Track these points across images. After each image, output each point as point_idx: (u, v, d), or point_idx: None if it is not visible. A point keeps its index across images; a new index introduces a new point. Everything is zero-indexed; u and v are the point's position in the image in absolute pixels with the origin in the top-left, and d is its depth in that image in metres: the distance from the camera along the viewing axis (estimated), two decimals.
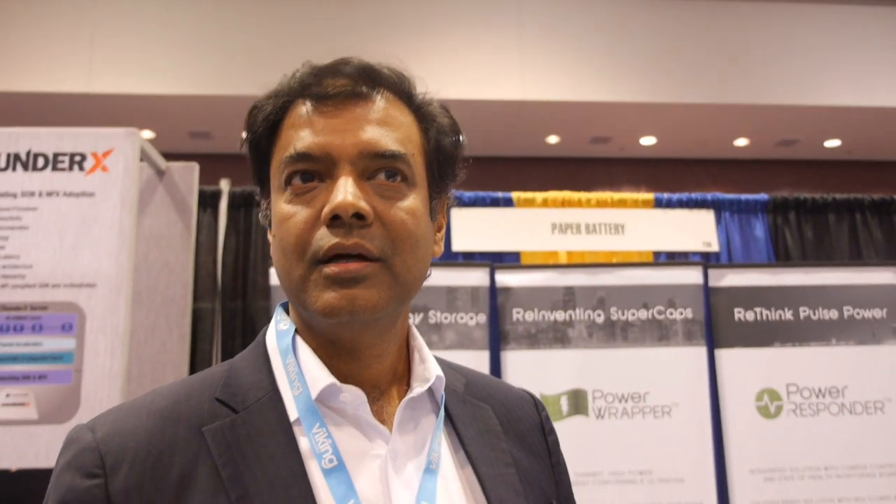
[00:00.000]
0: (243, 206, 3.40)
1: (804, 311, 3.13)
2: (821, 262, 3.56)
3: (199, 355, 3.10)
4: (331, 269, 0.73)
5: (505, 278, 3.08)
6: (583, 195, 3.61)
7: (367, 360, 0.81)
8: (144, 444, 0.73)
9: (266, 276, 3.03)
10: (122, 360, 2.43)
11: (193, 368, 3.07)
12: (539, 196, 3.58)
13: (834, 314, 3.14)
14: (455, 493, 0.80)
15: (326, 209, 0.73)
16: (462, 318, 2.98)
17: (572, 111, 6.40)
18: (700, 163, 7.72)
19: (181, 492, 0.70)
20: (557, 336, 3.03)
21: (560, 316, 3.05)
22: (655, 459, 2.93)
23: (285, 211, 0.76)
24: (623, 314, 3.07)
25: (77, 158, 2.58)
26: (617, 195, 3.66)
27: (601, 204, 3.61)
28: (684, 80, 6.22)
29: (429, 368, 0.84)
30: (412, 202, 0.78)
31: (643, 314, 3.07)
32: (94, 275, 2.49)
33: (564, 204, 3.59)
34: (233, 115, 6.27)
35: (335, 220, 0.73)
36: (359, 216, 0.73)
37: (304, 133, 0.77)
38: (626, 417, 2.97)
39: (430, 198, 0.83)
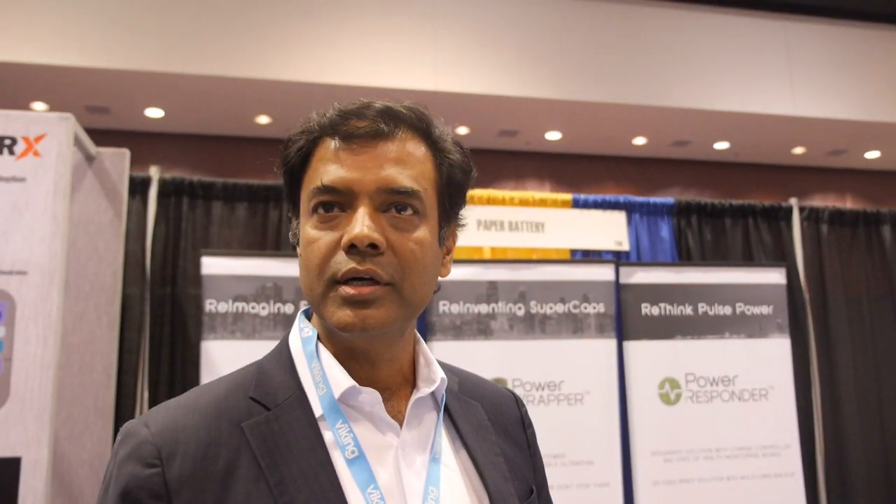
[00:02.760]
0: (173, 194, 3.35)
1: (702, 307, 3.42)
2: (717, 262, 3.89)
3: (126, 344, 3.06)
4: (346, 290, 0.84)
5: None
6: (506, 194, 3.78)
7: (379, 364, 0.92)
8: (193, 437, 0.83)
9: (197, 265, 3.02)
10: (54, 350, 2.41)
11: (121, 357, 3.04)
12: None
13: (728, 310, 3.45)
14: (455, 479, 0.92)
15: (345, 238, 0.84)
16: None
17: (483, 104, 6.54)
18: (601, 159, 8.06)
19: (227, 479, 0.81)
20: (481, 328, 3.20)
21: (484, 309, 3.21)
22: (568, 443, 3.16)
23: (311, 235, 0.87)
24: (542, 308, 3.26)
25: (7, 142, 2.51)
26: (538, 195, 3.85)
27: (523, 203, 3.79)
28: (589, 80, 6.49)
29: (434, 371, 0.96)
30: (421, 233, 0.88)
31: (560, 308, 3.28)
32: (26, 262, 2.44)
33: (489, 202, 3.75)
34: (133, 90, 6.12)
35: (352, 248, 0.83)
36: (373, 246, 0.83)
37: (331, 168, 0.86)
38: (543, 405, 3.18)
39: (439, 226, 0.93)
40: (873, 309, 4.13)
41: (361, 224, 0.83)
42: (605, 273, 3.35)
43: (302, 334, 0.95)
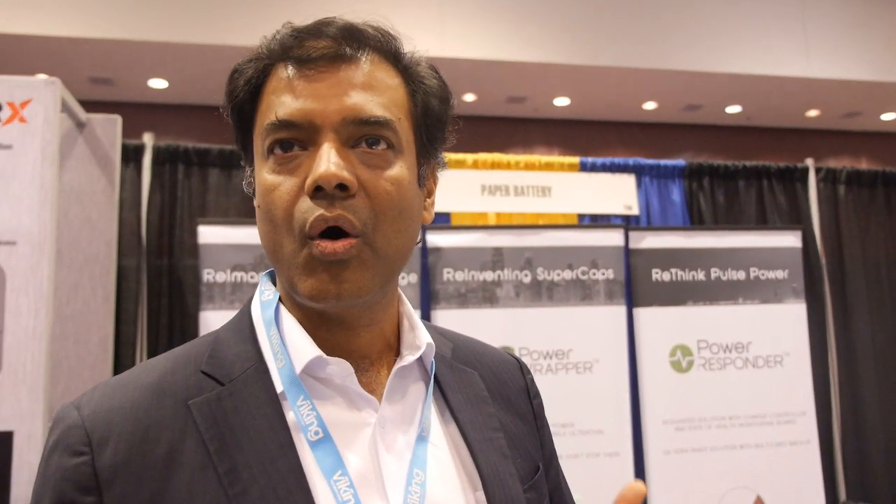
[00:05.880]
0: (168, 162, 3.27)
1: (715, 272, 3.32)
2: (731, 225, 3.78)
3: (123, 315, 3.00)
4: (319, 246, 0.71)
5: (435, 239, 3.12)
6: (511, 157, 3.67)
7: (356, 329, 0.80)
8: (131, 419, 0.72)
9: (194, 234, 2.95)
10: (46, 321, 2.34)
11: (118, 329, 2.98)
12: (469, 158, 3.62)
13: (741, 275, 3.35)
14: (444, 459, 0.80)
15: (309, 180, 0.71)
16: None
17: (490, 70, 6.43)
18: (612, 124, 7.93)
19: (169, 466, 0.69)
20: (486, 295, 3.11)
21: (489, 276, 3.13)
22: (577, 413, 3.08)
23: (269, 181, 0.74)
24: (549, 274, 3.17)
25: None
26: (544, 158, 3.74)
27: (529, 167, 3.68)
28: (599, 43, 6.35)
29: (419, 336, 0.83)
30: (398, 171, 0.75)
31: (568, 274, 3.19)
32: (14, 232, 2.37)
33: (494, 166, 3.65)
34: (137, 61, 6.03)
35: (318, 192, 0.71)
36: (342, 187, 0.71)
37: (285, 99, 0.74)
38: (551, 373, 3.10)
39: (418, 164, 0.80)
40: (892, 272, 4.02)
41: (327, 161, 0.70)
42: (614, 238, 3.25)
43: (262, 297, 0.82)
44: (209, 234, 2.88)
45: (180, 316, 3.14)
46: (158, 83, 6.63)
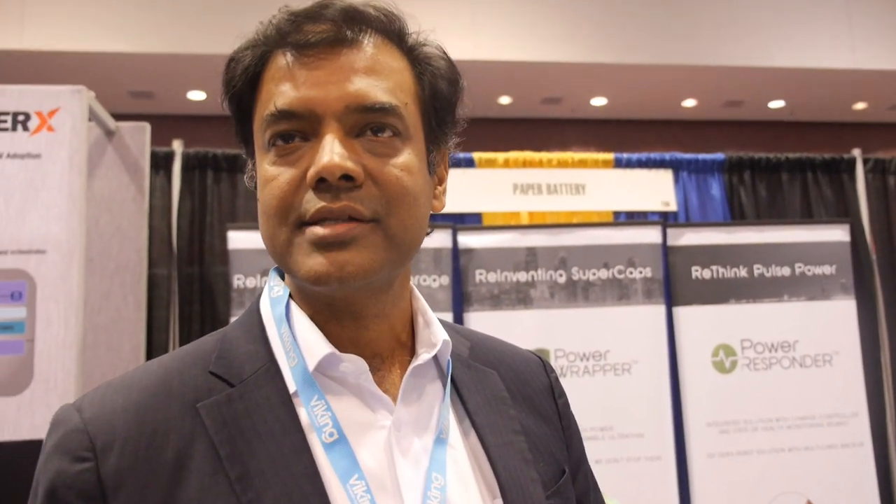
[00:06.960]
0: (198, 168, 3.29)
1: (758, 269, 3.20)
2: (774, 220, 3.65)
3: (155, 323, 3.01)
4: (316, 231, 0.69)
5: (467, 240, 3.06)
6: (543, 155, 3.60)
7: (364, 321, 0.76)
8: (136, 422, 0.68)
9: (224, 240, 2.94)
10: (76, 329, 2.35)
11: (150, 336, 2.99)
12: (500, 157, 3.56)
13: (786, 271, 3.22)
14: (462, 463, 0.77)
15: (311, 171, 0.68)
16: (425, 280, 2.97)
17: (524, 71, 6.38)
18: (650, 123, 7.80)
19: (177, 472, 0.67)
20: (520, 297, 3.04)
21: (522, 276, 3.06)
22: (616, 416, 3.00)
23: (269, 173, 0.72)
24: (584, 274, 3.09)
25: (21, 118, 2.44)
26: (577, 155, 3.65)
27: (562, 164, 3.61)
28: (633, 41, 6.25)
29: (434, 333, 0.80)
30: (407, 157, 0.73)
31: (604, 274, 3.10)
32: (44, 241, 2.38)
33: (525, 164, 3.57)
34: (177, 74, 6.11)
35: (321, 184, 0.68)
36: (347, 178, 0.68)
37: (284, 87, 0.71)
38: (588, 375, 3.02)
39: (427, 150, 0.78)
40: None
41: (330, 152, 0.68)
42: (651, 235, 3.15)
43: (272, 294, 0.79)
44: (239, 239, 2.87)
45: (212, 322, 3.14)
46: (197, 95, 6.72)
